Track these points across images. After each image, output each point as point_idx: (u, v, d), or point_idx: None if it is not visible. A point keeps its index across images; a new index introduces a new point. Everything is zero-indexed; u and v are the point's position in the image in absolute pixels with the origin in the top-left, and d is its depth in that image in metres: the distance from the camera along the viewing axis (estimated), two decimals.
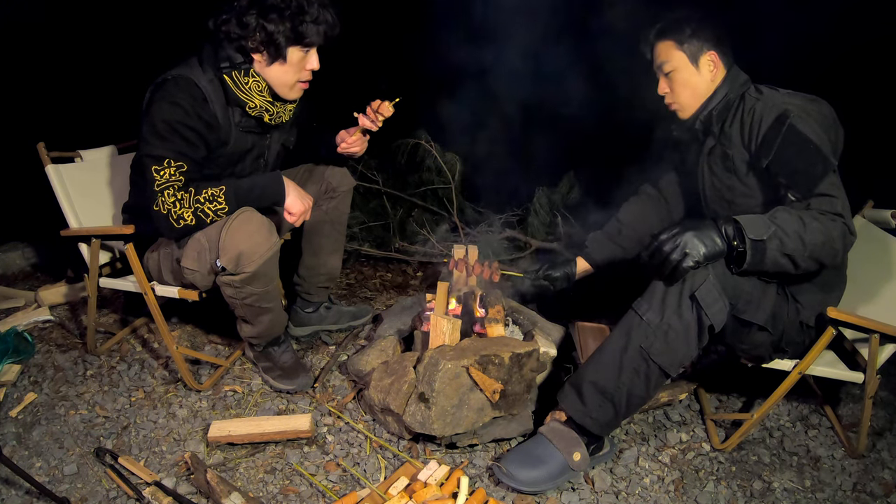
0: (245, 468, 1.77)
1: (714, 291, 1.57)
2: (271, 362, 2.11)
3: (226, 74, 1.81)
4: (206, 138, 1.81)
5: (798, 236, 1.51)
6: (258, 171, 2.04)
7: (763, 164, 1.67)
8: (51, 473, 1.75)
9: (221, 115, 1.83)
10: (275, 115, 1.91)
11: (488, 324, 2.00)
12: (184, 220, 1.75)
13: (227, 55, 1.80)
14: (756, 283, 1.67)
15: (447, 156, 3.15)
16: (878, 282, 1.94)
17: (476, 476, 1.75)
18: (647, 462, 1.84)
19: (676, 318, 1.59)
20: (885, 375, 2.10)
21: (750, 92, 1.77)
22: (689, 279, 1.57)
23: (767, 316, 1.69)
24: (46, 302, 2.62)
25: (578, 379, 1.71)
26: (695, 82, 1.80)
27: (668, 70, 1.82)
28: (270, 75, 1.84)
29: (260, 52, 1.79)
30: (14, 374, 2.15)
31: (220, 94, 1.82)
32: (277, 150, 2.09)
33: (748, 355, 1.80)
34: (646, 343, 1.61)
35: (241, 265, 1.77)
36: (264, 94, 1.86)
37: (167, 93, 1.76)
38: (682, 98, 1.84)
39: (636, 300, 1.66)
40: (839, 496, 1.75)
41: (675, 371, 1.64)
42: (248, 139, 1.94)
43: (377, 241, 3.22)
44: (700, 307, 1.57)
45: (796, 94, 1.72)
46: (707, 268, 1.57)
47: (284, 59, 1.80)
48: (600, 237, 2.21)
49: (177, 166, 1.75)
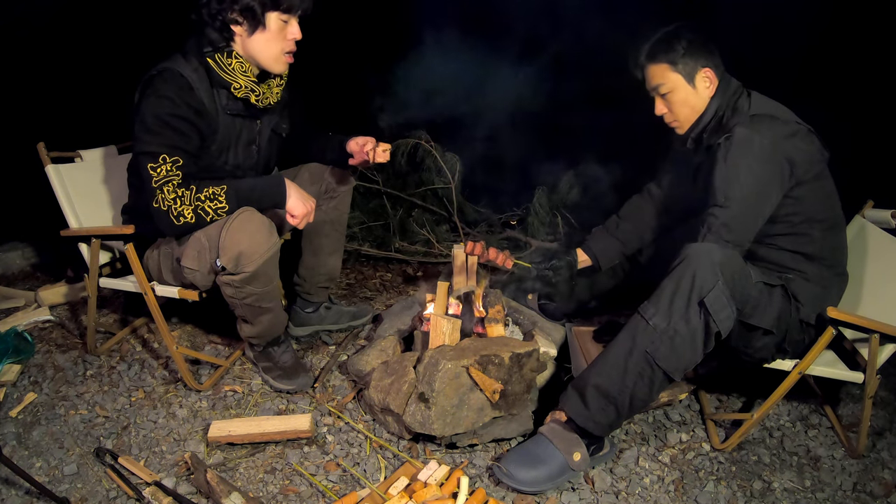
0: (245, 468, 1.77)
1: (722, 298, 1.56)
2: (271, 362, 2.11)
3: (209, 58, 1.83)
4: (197, 126, 1.82)
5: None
6: (251, 159, 2.04)
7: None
8: (51, 473, 1.75)
9: (207, 100, 1.84)
10: (261, 95, 1.92)
11: (488, 324, 2.00)
12: (184, 218, 1.75)
13: (208, 40, 1.83)
14: (763, 288, 1.68)
15: (447, 156, 3.15)
16: (878, 282, 1.94)
17: (476, 476, 1.75)
18: (647, 462, 1.84)
19: (683, 324, 1.58)
20: (885, 375, 2.10)
21: (740, 102, 1.77)
22: (698, 284, 1.57)
23: (773, 320, 1.69)
24: (46, 302, 2.62)
25: (582, 382, 1.70)
26: (693, 101, 1.82)
27: (665, 91, 1.83)
28: (255, 48, 1.84)
29: (240, 23, 1.81)
30: (14, 374, 2.15)
31: (205, 80, 1.84)
32: (269, 135, 2.08)
33: (752, 358, 1.80)
34: (651, 348, 1.61)
35: (241, 265, 1.77)
36: (248, 75, 1.88)
37: (154, 88, 1.77)
38: (681, 116, 1.85)
39: (643, 304, 1.66)
40: (839, 496, 1.75)
41: (680, 376, 1.64)
42: (237, 123, 1.94)
43: (377, 241, 3.22)
44: (708, 313, 1.56)
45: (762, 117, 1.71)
46: (716, 273, 1.56)
47: (264, 25, 1.81)
48: (600, 230, 2.28)
49: (172, 161, 1.75)
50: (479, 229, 3.28)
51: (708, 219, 1.69)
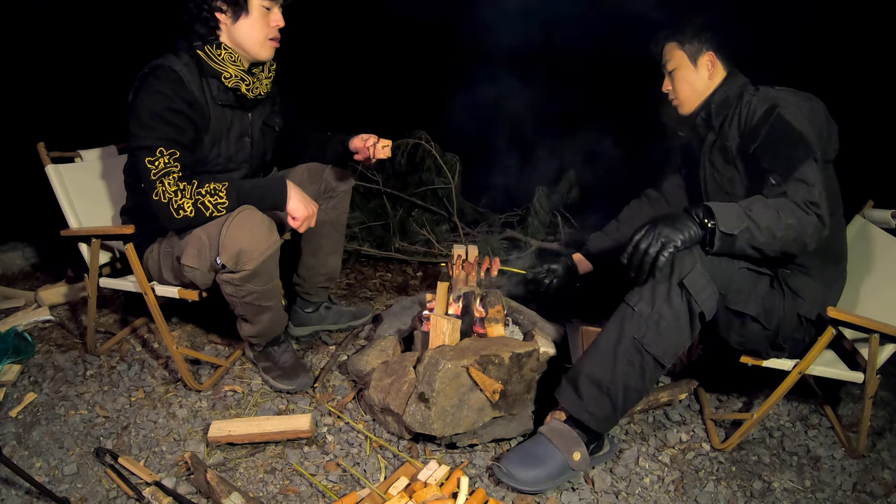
0: (245, 468, 1.77)
1: (702, 279, 1.59)
2: (271, 362, 2.11)
3: (199, 50, 1.87)
4: (191, 118, 1.84)
5: (770, 232, 1.56)
6: (244, 151, 2.05)
7: (751, 149, 1.75)
8: (51, 473, 1.75)
9: (198, 92, 1.87)
10: (251, 85, 1.96)
11: (488, 324, 2.00)
12: (184, 211, 1.76)
13: (197, 34, 1.88)
14: (746, 274, 1.69)
15: (447, 156, 3.16)
16: (878, 282, 1.94)
17: (476, 476, 1.75)
18: (647, 462, 1.84)
19: (667, 307, 1.60)
20: (885, 375, 2.10)
21: (748, 90, 1.86)
22: (678, 267, 1.59)
23: (759, 307, 1.70)
24: (46, 302, 2.62)
25: (574, 373, 1.72)
26: (692, 79, 1.93)
27: (671, 68, 1.96)
28: (240, 34, 1.89)
29: (224, 10, 1.86)
30: (14, 374, 2.15)
31: (196, 73, 1.87)
32: (261, 128, 2.11)
33: (743, 349, 1.81)
34: (638, 334, 1.62)
35: (242, 262, 1.77)
36: (238, 64, 1.92)
37: (147, 85, 1.80)
38: (681, 94, 1.97)
39: (628, 293, 1.68)
40: (839, 496, 1.75)
41: (670, 361, 1.65)
42: (227, 115, 1.97)
43: (377, 241, 3.22)
44: (689, 294, 1.58)
45: (792, 91, 1.80)
46: (694, 256, 1.59)
47: (247, 11, 1.87)
48: (599, 234, 2.31)
49: (169, 154, 1.77)
50: (479, 229, 3.28)
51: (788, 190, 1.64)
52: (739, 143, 1.81)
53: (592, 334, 2.19)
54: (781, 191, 1.63)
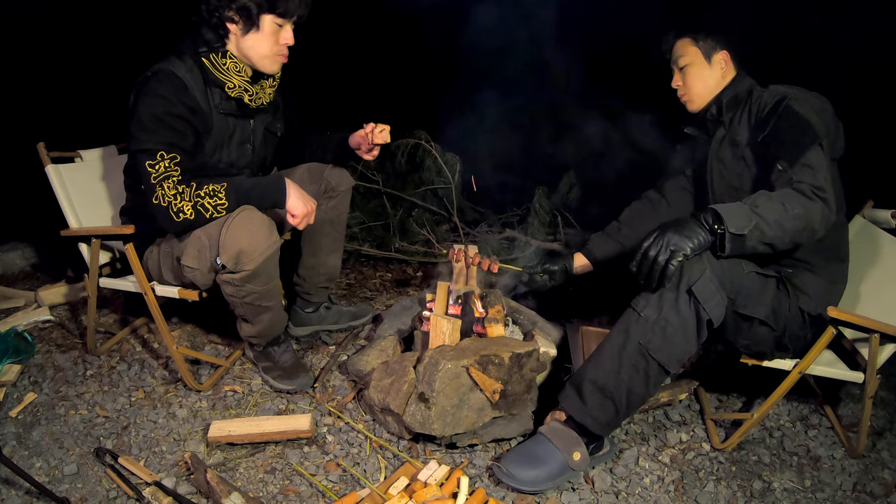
0: (245, 468, 1.77)
1: (711, 286, 1.57)
2: (271, 362, 2.11)
3: (204, 58, 1.86)
4: (192, 124, 1.84)
5: (779, 225, 1.56)
6: (245, 157, 2.05)
7: (759, 138, 1.76)
8: (51, 473, 1.75)
9: (202, 99, 1.86)
10: (254, 95, 1.95)
11: (488, 324, 2.00)
12: (183, 214, 1.76)
13: (204, 39, 1.86)
14: (755, 278, 1.68)
15: (447, 156, 3.15)
16: (878, 282, 1.94)
17: (476, 476, 1.75)
18: (647, 462, 1.84)
19: (674, 314, 1.59)
20: (885, 375, 2.10)
21: (757, 88, 1.90)
22: (686, 274, 1.58)
23: (768, 310, 1.70)
24: (46, 302, 2.62)
25: (578, 378, 1.71)
26: (705, 76, 1.94)
27: (683, 64, 1.96)
28: (248, 47, 1.87)
29: (235, 21, 1.83)
30: (14, 374, 2.15)
31: (199, 79, 1.86)
32: (263, 134, 2.10)
33: (750, 352, 1.80)
34: (644, 339, 1.61)
35: (242, 263, 1.77)
36: (242, 75, 1.91)
37: (149, 88, 1.79)
38: (693, 90, 1.96)
39: (634, 298, 1.66)
40: (839, 496, 1.75)
41: (675, 367, 1.64)
42: (230, 122, 1.96)
43: (377, 241, 3.22)
44: (698, 301, 1.57)
45: (803, 90, 1.81)
46: (703, 262, 1.58)
47: (258, 27, 1.84)
48: (600, 235, 2.28)
49: (170, 158, 1.77)
50: (479, 229, 3.28)
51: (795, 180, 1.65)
52: (749, 135, 1.83)
53: (592, 334, 2.19)
54: (788, 177, 1.63)
